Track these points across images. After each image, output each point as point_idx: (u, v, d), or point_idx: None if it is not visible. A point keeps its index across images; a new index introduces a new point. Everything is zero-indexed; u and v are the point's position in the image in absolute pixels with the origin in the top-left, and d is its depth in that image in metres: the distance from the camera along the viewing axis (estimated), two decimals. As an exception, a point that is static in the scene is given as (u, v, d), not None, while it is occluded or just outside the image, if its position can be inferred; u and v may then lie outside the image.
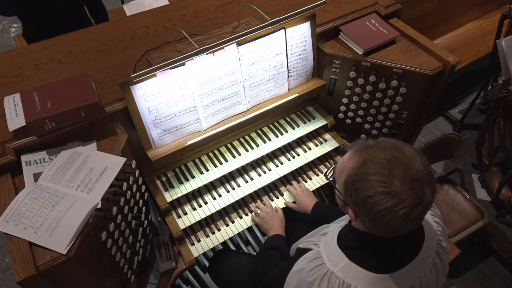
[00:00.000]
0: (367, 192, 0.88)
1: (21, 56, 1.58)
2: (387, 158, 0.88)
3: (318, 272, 1.01)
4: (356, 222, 1.00)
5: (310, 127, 1.81)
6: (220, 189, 1.66)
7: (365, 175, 0.89)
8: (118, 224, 1.26)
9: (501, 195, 2.44)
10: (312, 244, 1.10)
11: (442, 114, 3.11)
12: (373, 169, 0.88)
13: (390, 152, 0.90)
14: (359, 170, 0.90)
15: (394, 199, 0.85)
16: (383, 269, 0.98)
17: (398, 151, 0.90)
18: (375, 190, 0.87)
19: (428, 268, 1.04)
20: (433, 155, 2.12)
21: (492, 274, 2.31)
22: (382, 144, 0.93)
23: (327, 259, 1.02)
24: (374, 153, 0.91)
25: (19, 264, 1.01)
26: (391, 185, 0.86)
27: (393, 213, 0.86)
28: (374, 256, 0.99)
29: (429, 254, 1.04)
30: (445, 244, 1.10)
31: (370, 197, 0.87)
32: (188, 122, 1.54)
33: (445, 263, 1.11)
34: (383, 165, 0.88)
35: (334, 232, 1.08)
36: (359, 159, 0.92)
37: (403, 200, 0.85)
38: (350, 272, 0.98)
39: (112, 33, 1.69)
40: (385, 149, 0.91)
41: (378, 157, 0.89)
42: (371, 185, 0.87)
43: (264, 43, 1.56)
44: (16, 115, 1.26)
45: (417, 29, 1.75)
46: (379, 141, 0.95)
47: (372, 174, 0.88)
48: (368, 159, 0.90)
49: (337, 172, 1.01)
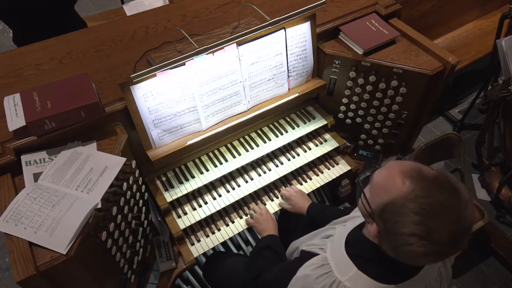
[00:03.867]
0: (405, 229, 0.83)
1: (21, 56, 1.58)
2: (442, 202, 0.82)
3: (325, 281, 1.00)
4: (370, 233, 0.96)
5: (310, 127, 1.81)
6: (220, 189, 1.66)
7: (412, 212, 0.83)
8: (118, 224, 1.26)
9: (501, 195, 2.44)
10: (318, 248, 1.09)
11: (442, 114, 3.11)
12: (422, 210, 0.82)
13: (447, 195, 0.83)
14: (406, 203, 0.84)
15: (431, 246, 0.82)
16: (391, 280, 0.97)
17: (455, 196, 0.84)
18: (415, 231, 0.82)
19: (433, 277, 1.03)
20: (433, 155, 2.12)
21: (492, 274, 2.31)
22: (441, 181, 0.85)
23: (335, 267, 1.01)
24: (431, 190, 0.84)
25: (19, 264, 1.01)
26: (435, 233, 0.82)
27: (424, 257, 0.85)
28: (383, 267, 0.98)
29: (435, 263, 1.04)
30: None
31: (406, 235, 0.83)
32: (188, 122, 1.53)
33: (449, 270, 1.10)
34: (434, 209, 0.82)
35: (341, 237, 1.07)
36: (412, 188, 0.85)
37: (439, 251, 0.83)
38: (359, 282, 0.97)
39: (112, 33, 1.69)
40: (442, 190, 0.84)
41: (432, 198, 0.83)
42: (412, 225, 0.83)
43: (264, 43, 1.56)
44: (16, 115, 1.26)
45: (417, 29, 1.75)
46: (438, 176, 0.86)
47: (419, 214, 0.82)
48: (421, 195, 0.83)
49: (377, 186, 0.92)
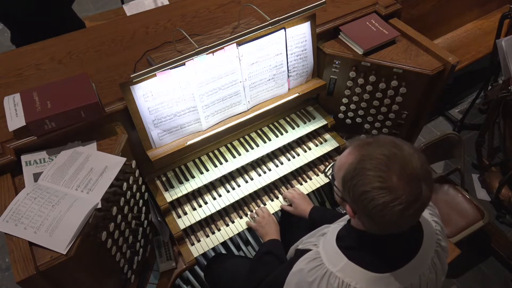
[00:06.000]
0: (364, 187, 0.88)
1: (21, 56, 1.58)
2: (385, 154, 0.89)
3: (317, 272, 1.01)
4: (354, 220, 1.00)
5: (310, 127, 1.81)
6: (220, 189, 1.66)
7: (363, 170, 0.89)
8: (118, 224, 1.26)
9: (501, 195, 2.44)
10: (311, 245, 1.11)
11: (442, 114, 3.11)
12: (371, 165, 0.89)
13: (389, 148, 0.90)
14: (357, 166, 0.91)
15: (391, 194, 0.86)
16: (383, 268, 0.98)
17: (396, 148, 0.90)
18: (372, 185, 0.87)
19: (427, 267, 1.04)
20: (433, 155, 2.12)
21: (492, 274, 2.31)
22: (381, 141, 0.94)
23: (326, 259, 1.02)
24: (373, 149, 0.91)
25: (19, 264, 1.01)
26: (388, 180, 0.87)
27: (390, 209, 0.87)
28: (373, 255, 0.99)
29: (428, 253, 1.05)
30: (444, 244, 1.10)
31: (367, 192, 0.88)
32: (188, 122, 1.53)
33: (444, 262, 1.11)
34: (381, 161, 0.88)
35: (333, 232, 1.09)
36: (358, 154, 0.93)
37: (400, 196, 0.86)
38: (350, 272, 0.99)
39: (112, 33, 1.69)
40: (383, 145, 0.91)
41: (376, 153, 0.90)
42: (368, 180, 0.88)
43: (264, 43, 1.56)
44: (16, 115, 1.26)
45: (417, 29, 1.75)
46: (378, 138, 0.96)
47: (369, 169, 0.89)
48: (366, 154, 0.91)
49: (336, 169, 1.01)
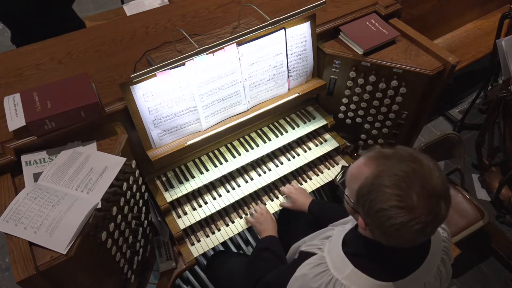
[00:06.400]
0: (381, 204, 0.85)
1: (21, 56, 1.58)
2: (405, 170, 0.85)
3: (322, 279, 1.00)
4: (364, 230, 0.98)
5: (310, 127, 1.81)
6: (220, 189, 1.66)
7: (381, 187, 0.85)
8: (118, 224, 1.26)
9: (501, 195, 2.44)
10: (316, 248, 1.09)
11: (442, 114, 3.11)
12: (390, 181, 0.85)
13: (408, 164, 0.86)
14: (374, 181, 0.87)
15: (409, 214, 0.83)
16: (389, 277, 0.97)
17: (416, 163, 0.87)
18: (390, 203, 0.84)
19: (433, 275, 1.03)
20: (433, 155, 2.10)
21: (492, 274, 2.31)
22: (400, 154, 0.89)
23: (331, 265, 1.01)
24: (392, 164, 0.87)
25: (19, 264, 1.01)
26: (408, 199, 0.83)
27: (408, 228, 0.84)
28: (380, 264, 0.98)
29: (434, 261, 1.03)
30: (450, 251, 1.09)
31: (384, 210, 0.85)
32: (188, 122, 1.53)
33: (449, 268, 1.10)
34: (400, 178, 0.85)
35: (338, 237, 1.07)
36: (375, 168, 0.88)
37: (418, 216, 0.83)
38: (355, 280, 0.97)
39: (112, 33, 1.69)
40: (403, 161, 0.87)
41: (396, 169, 0.86)
42: (386, 198, 0.85)
43: (264, 43, 1.56)
44: (16, 115, 1.26)
45: (417, 29, 1.75)
46: (397, 151, 0.91)
47: (388, 186, 0.85)
48: (385, 170, 0.87)
49: (349, 178, 0.96)
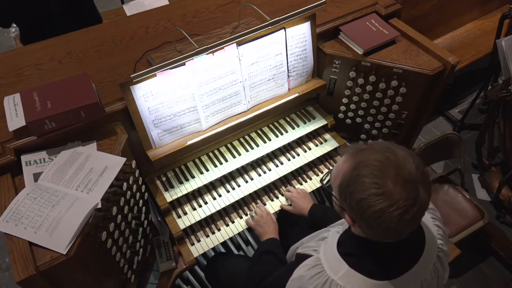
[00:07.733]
0: (360, 194, 0.88)
1: (21, 56, 1.58)
2: (379, 159, 0.89)
3: (318, 280, 1.00)
4: (354, 228, 0.99)
5: (310, 127, 1.81)
6: (220, 189, 1.66)
7: (358, 178, 0.89)
8: (118, 224, 1.26)
9: (501, 195, 2.44)
10: (312, 250, 1.10)
11: (442, 114, 3.11)
12: (366, 171, 0.88)
13: (383, 154, 0.90)
14: (352, 173, 0.90)
15: (387, 200, 0.85)
16: (384, 276, 0.97)
17: (390, 153, 0.90)
18: (368, 192, 0.87)
19: (429, 273, 1.03)
20: (433, 155, 2.12)
21: (492, 274, 2.31)
22: (375, 147, 0.93)
23: (327, 266, 1.02)
24: (367, 156, 0.91)
25: (19, 264, 1.01)
26: (384, 186, 0.86)
27: (388, 214, 0.86)
28: (375, 263, 0.98)
29: (430, 258, 1.04)
30: (446, 248, 1.09)
31: (363, 199, 0.87)
32: (188, 122, 1.54)
33: (446, 266, 1.10)
34: (375, 167, 0.88)
35: (333, 238, 1.08)
36: (353, 162, 0.92)
37: (396, 201, 0.85)
38: (351, 279, 0.98)
39: (112, 33, 1.69)
40: (377, 152, 0.91)
41: (371, 159, 0.89)
42: (364, 187, 0.87)
43: (264, 43, 1.56)
44: (16, 115, 1.26)
45: (417, 29, 1.75)
46: (372, 144, 0.95)
47: (365, 176, 0.88)
48: (361, 161, 0.90)
49: (333, 178, 1.00)
